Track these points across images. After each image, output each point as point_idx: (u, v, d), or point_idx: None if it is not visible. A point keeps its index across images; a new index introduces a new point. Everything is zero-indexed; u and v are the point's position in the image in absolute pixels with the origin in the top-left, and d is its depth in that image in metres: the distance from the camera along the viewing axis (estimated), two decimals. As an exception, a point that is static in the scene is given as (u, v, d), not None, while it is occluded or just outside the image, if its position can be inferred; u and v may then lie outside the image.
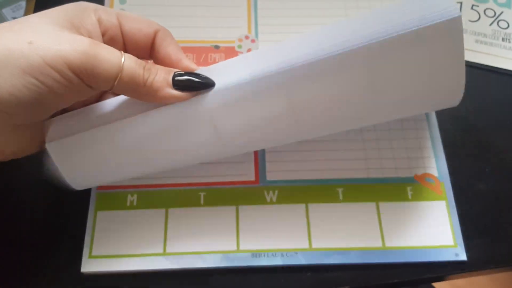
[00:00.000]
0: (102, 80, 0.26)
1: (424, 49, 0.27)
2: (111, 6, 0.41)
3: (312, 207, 0.34)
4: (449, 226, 0.34)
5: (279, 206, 0.34)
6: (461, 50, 0.27)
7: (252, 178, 0.36)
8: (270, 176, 0.36)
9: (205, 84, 0.28)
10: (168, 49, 0.30)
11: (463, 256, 0.33)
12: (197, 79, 0.28)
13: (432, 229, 0.34)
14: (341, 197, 0.35)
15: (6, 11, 0.42)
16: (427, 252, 0.33)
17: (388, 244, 0.33)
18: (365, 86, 0.28)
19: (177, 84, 0.28)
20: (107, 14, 0.29)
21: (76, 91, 0.26)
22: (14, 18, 0.41)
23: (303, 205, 0.34)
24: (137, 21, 0.30)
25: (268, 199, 0.35)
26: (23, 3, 0.42)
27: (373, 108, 0.30)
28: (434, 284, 0.61)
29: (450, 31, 0.26)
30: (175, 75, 0.28)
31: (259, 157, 0.36)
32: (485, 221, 0.35)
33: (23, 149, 0.29)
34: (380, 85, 0.28)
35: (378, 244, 0.33)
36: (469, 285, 0.87)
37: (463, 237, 0.34)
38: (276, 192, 0.35)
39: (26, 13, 0.41)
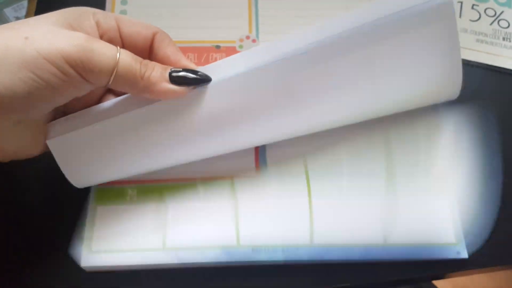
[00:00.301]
0: (98, 73, 0.26)
1: (418, 34, 0.27)
2: (113, 6, 0.41)
3: (315, 200, 0.34)
4: (451, 223, 0.34)
5: (280, 200, 0.34)
6: (455, 35, 0.27)
7: (253, 171, 0.35)
8: (271, 169, 0.35)
9: (202, 80, 0.29)
10: (166, 50, 0.30)
11: (464, 254, 0.33)
12: (193, 75, 0.29)
13: (434, 227, 0.34)
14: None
15: (8, 10, 0.42)
16: (428, 250, 0.33)
17: (390, 241, 0.33)
18: (360, 72, 0.28)
19: (174, 79, 0.28)
20: (105, 17, 0.29)
21: (73, 86, 0.26)
22: (16, 17, 0.42)
23: (306, 199, 0.34)
24: (136, 24, 0.30)
25: (269, 192, 0.34)
26: (25, 3, 0.42)
27: (370, 99, 0.30)
28: (434, 282, 0.60)
29: (443, 16, 0.26)
30: (172, 71, 0.28)
31: (259, 149, 0.36)
32: (486, 219, 0.35)
33: (25, 149, 0.29)
34: (375, 72, 0.28)
35: (380, 241, 0.33)
36: (470, 283, 0.87)
37: (464, 235, 0.34)
38: (277, 185, 0.35)
39: (28, 12, 0.42)
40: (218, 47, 0.40)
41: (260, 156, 0.36)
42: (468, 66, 0.41)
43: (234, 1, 0.42)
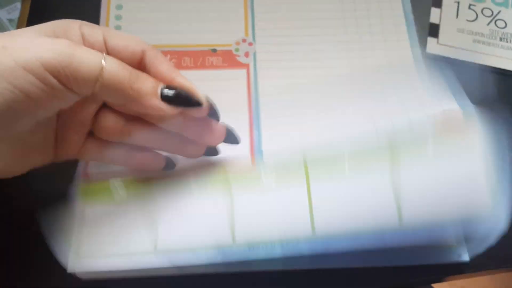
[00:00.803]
0: (82, 81, 0.24)
1: None
2: (108, 11, 0.41)
3: (315, 187, 0.31)
4: (452, 225, 0.33)
5: (278, 191, 0.32)
6: None
7: (248, 164, 0.34)
8: (267, 160, 0.35)
9: (193, 103, 0.28)
10: (159, 67, 0.28)
11: (465, 257, 0.32)
12: (185, 97, 0.27)
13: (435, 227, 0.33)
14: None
15: (1, 13, 0.42)
16: (429, 253, 0.32)
17: (406, 220, 0.29)
18: None
19: (165, 98, 0.27)
20: (92, 30, 0.28)
21: (55, 96, 0.24)
22: (10, 19, 0.41)
23: (305, 187, 0.31)
24: (124, 38, 0.28)
25: (266, 185, 0.32)
26: (19, 4, 0.42)
27: None
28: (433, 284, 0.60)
29: None
30: (163, 87, 0.27)
31: (254, 141, 0.35)
32: (488, 222, 0.35)
33: (8, 168, 0.27)
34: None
35: (395, 221, 0.29)
36: (468, 284, 0.86)
37: (465, 237, 0.33)
38: (274, 176, 0.32)
39: (22, 14, 0.41)
40: (214, 50, 0.40)
41: (255, 148, 0.35)
42: (465, 66, 0.41)
43: (230, 4, 0.42)
